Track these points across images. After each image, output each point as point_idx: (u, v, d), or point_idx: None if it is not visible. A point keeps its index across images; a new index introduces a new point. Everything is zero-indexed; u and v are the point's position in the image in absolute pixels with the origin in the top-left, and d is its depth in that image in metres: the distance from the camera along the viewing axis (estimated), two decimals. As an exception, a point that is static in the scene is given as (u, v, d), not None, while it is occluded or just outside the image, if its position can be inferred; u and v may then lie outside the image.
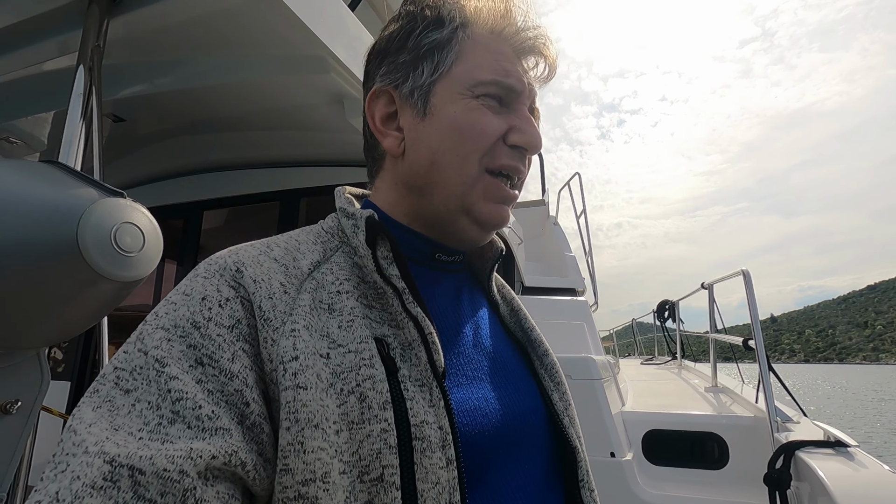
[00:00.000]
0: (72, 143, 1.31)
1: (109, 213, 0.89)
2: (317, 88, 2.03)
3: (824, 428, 1.82)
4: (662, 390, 3.49)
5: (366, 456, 0.40)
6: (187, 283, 0.44)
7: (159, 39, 1.84)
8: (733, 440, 2.33)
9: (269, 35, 1.77)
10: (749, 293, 2.37)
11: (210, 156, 2.87)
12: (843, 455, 1.60)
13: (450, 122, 0.52)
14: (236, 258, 0.45)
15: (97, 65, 1.44)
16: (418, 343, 0.46)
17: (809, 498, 1.53)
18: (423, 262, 0.56)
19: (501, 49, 0.54)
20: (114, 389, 0.37)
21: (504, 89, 0.52)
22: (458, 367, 0.50)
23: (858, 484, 1.40)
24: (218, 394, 0.38)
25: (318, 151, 2.72)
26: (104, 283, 0.90)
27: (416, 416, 0.42)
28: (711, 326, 3.33)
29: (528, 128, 0.53)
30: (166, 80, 2.12)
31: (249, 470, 0.37)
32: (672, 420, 2.50)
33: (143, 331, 0.41)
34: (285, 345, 0.41)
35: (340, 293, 0.47)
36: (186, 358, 0.39)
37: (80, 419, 0.35)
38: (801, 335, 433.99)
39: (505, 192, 0.53)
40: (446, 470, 0.41)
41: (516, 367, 0.57)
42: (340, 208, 0.54)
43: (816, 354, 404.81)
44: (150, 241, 0.96)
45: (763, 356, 2.18)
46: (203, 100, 2.26)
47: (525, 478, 0.49)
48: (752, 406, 2.49)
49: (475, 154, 0.51)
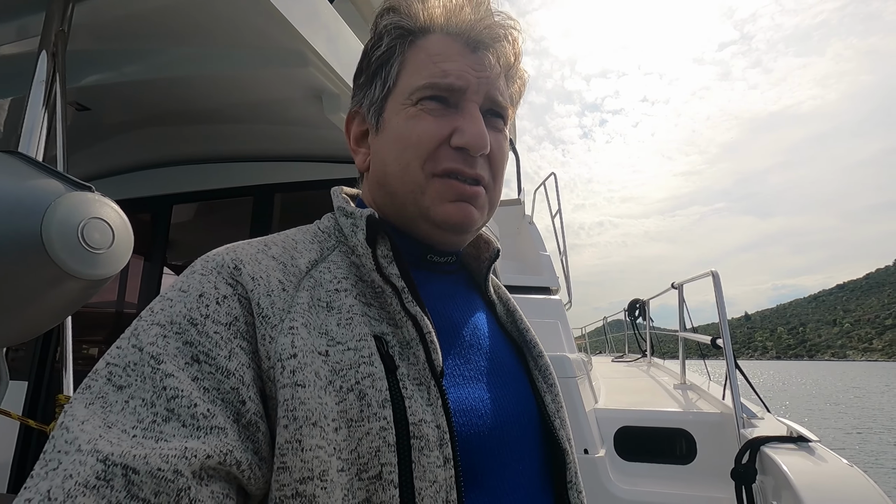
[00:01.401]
0: (33, 132, 1.24)
1: (76, 207, 0.85)
2: (294, 83, 1.98)
3: (787, 424, 1.89)
4: (633, 388, 3.57)
5: (364, 454, 0.40)
6: (184, 280, 0.43)
7: (128, 26, 1.77)
8: (701, 436, 2.40)
9: (245, 26, 1.72)
10: (717, 294, 2.44)
11: (181, 148, 2.78)
12: (805, 450, 1.67)
13: (393, 133, 0.53)
14: (234, 255, 0.45)
15: (61, 51, 1.37)
16: (417, 342, 0.46)
17: (773, 491, 1.59)
18: (415, 263, 0.56)
19: (445, 49, 0.53)
20: (106, 385, 0.37)
21: (443, 90, 0.51)
22: (455, 366, 0.51)
23: (819, 477, 1.46)
24: (214, 392, 0.38)
25: (294, 146, 2.67)
26: (70, 282, 0.85)
27: (415, 415, 0.42)
28: (681, 325, 3.42)
29: (469, 127, 0.51)
30: (135, 69, 2.04)
31: (245, 469, 0.37)
32: (643, 417, 2.56)
33: (137, 326, 0.40)
34: (283, 342, 0.41)
35: (339, 291, 0.47)
36: (182, 355, 0.38)
37: (73, 416, 0.34)
38: (773, 332, 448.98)
39: (460, 190, 0.52)
40: (444, 469, 0.42)
41: (511, 368, 0.57)
42: (339, 207, 0.54)
43: (788, 351, 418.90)
44: (119, 238, 0.92)
45: (730, 355, 2.25)
46: (174, 91, 2.19)
47: (518, 478, 0.50)
48: (719, 402, 2.57)
49: (416, 161, 0.51)
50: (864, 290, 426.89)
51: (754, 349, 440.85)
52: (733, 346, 2.25)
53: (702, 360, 3.55)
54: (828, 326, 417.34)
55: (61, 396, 1.11)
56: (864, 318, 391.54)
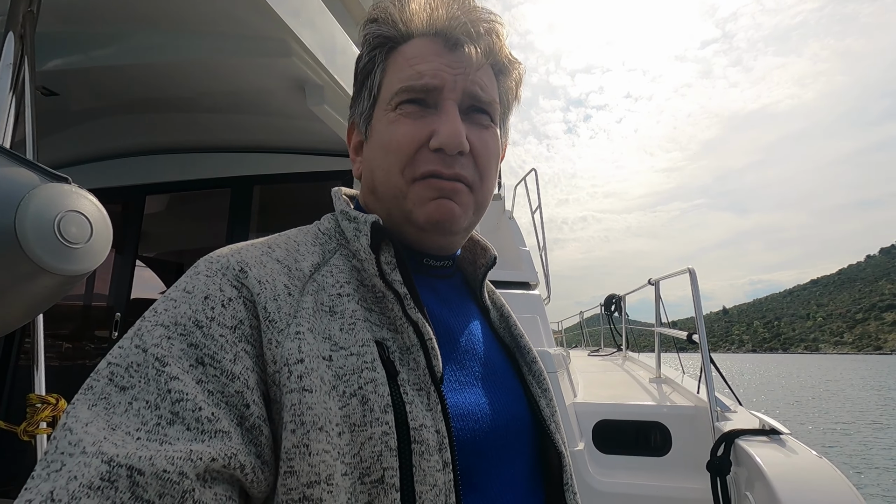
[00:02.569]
0: (0, 118, 1.18)
1: (52, 200, 0.81)
2: (276, 72, 1.93)
3: (759, 417, 1.96)
4: (611, 381, 3.64)
5: (367, 458, 0.41)
6: (188, 281, 0.43)
7: (100, 8, 1.69)
8: (676, 428, 2.47)
9: (225, 13, 1.67)
10: (694, 290, 2.51)
11: (155, 137, 2.69)
12: (776, 442, 1.73)
13: (376, 141, 0.54)
14: (239, 258, 0.45)
15: (29, 33, 1.31)
16: (417, 348, 0.46)
17: (747, 482, 1.64)
18: (413, 267, 0.56)
19: (420, 51, 0.52)
20: (108, 386, 0.36)
21: (419, 91, 0.51)
22: (452, 371, 0.51)
23: (791, 469, 1.52)
24: (218, 395, 0.38)
25: (275, 138, 2.61)
26: (45, 277, 0.81)
27: (415, 420, 0.43)
28: (657, 320, 3.50)
29: (443, 127, 0.50)
30: (106, 53, 1.96)
31: (248, 472, 0.37)
32: (620, 410, 2.62)
33: (140, 327, 0.40)
34: (290, 347, 0.41)
35: (341, 296, 0.47)
36: (187, 357, 0.38)
37: (76, 417, 0.34)
38: (749, 326, 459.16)
39: (437, 185, 0.50)
40: (443, 472, 0.42)
41: (505, 373, 0.58)
42: (342, 211, 0.54)
43: (763, 344, 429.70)
44: (98, 232, 0.88)
45: (706, 350, 2.32)
46: (148, 77, 2.11)
47: (512, 481, 0.51)
48: (693, 396, 2.64)
49: (396, 166, 0.51)
50: (837, 285, 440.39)
51: (731, 342, 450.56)
52: (711, 340, 2.32)
53: (675, 353, 3.65)
54: (801, 320, 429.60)
55: (33, 396, 1.06)
56: (836, 312, 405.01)
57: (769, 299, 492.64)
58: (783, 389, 39.37)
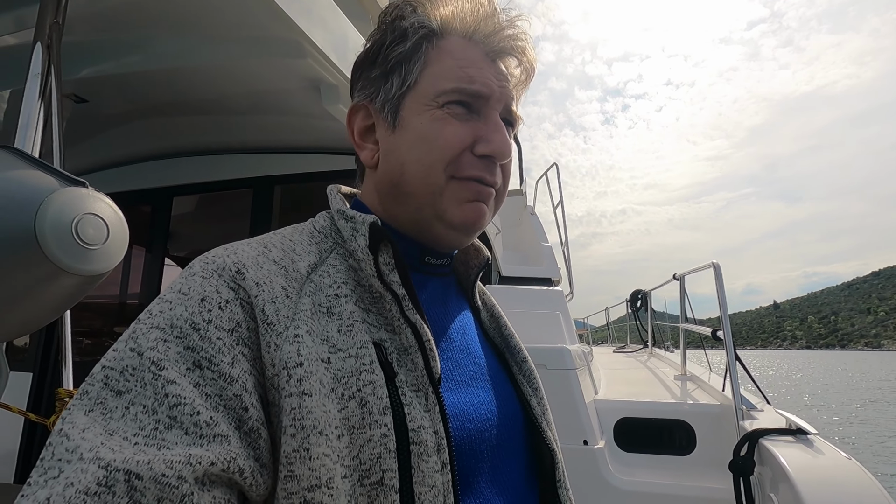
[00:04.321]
0: (29, 125, 1.24)
1: (70, 203, 0.85)
2: (292, 73, 1.96)
3: (786, 416, 1.89)
4: (634, 378, 3.58)
5: (366, 460, 0.41)
6: (183, 282, 0.42)
7: (124, 17, 1.75)
8: (700, 427, 2.41)
9: (242, 17, 1.70)
10: (719, 285, 2.43)
11: (180, 140, 2.77)
12: (803, 442, 1.67)
13: (416, 133, 0.52)
14: (235, 258, 0.44)
15: (56, 42, 1.36)
16: (415, 349, 0.46)
17: (771, 483, 1.59)
18: (412, 266, 0.56)
19: (469, 55, 0.53)
20: (104, 390, 0.36)
21: (469, 96, 0.52)
22: (448, 371, 0.51)
23: (817, 470, 1.47)
24: (216, 398, 0.37)
25: (293, 137, 2.66)
26: (65, 278, 0.85)
27: (414, 422, 0.43)
28: (682, 316, 3.41)
29: (495, 136, 0.52)
30: (132, 60, 2.03)
31: (247, 477, 0.37)
32: (643, 408, 2.57)
33: (135, 329, 0.39)
34: (289, 350, 0.41)
35: (339, 297, 0.47)
36: (184, 360, 0.38)
37: (72, 423, 0.34)
38: (803, 321, 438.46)
39: (476, 189, 0.52)
40: (441, 473, 0.43)
41: (497, 373, 0.58)
42: (339, 210, 0.54)
43: (819, 341, 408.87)
44: (114, 233, 0.92)
45: (730, 346, 2.25)
46: (171, 81, 2.17)
47: (507, 480, 0.51)
48: (718, 394, 2.57)
49: (440, 164, 0.51)
50: None
51: (783, 338, 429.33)
52: (760, 337, 2.26)
53: (703, 350, 3.55)
54: (861, 315, 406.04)
55: (61, 390, 1.12)
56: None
57: (825, 293, 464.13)
58: (846, 390, 36.78)
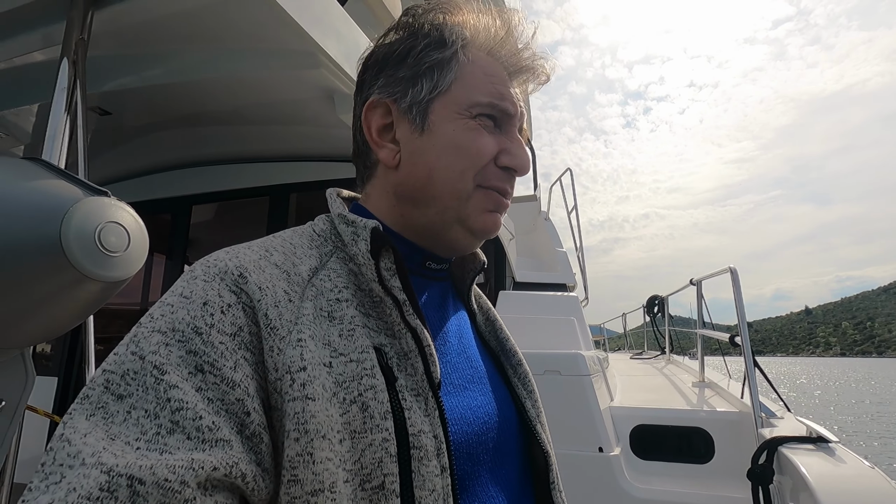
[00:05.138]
0: (55, 137, 1.29)
1: (93, 212, 0.88)
2: (306, 84, 2.01)
3: (807, 424, 1.85)
4: (651, 385, 3.53)
5: (367, 465, 0.41)
6: (184, 285, 0.42)
7: (145, 32, 1.81)
8: (719, 435, 2.36)
9: (258, 30, 1.75)
10: (736, 291, 2.40)
11: (198, 150, 2.85)
12: (824, 451, 1.63)
13: (448, 140, 0.53)
14: (237, 262, 0.44)
15: (81, 58, 1.42)
16: (415, 354, 0.47)
17: (791, 493, 1.56)
18: (413, 270, 0.57)
19: (497, 71, 0.56)
20: (105, 394, 0.36)
21: (499, 111, 0.55)
22: (447, 375, 0.52)
23: (839, 479, 1.43)
24: (218, 402, 0.37)
25: (308, 146, 2.71)
26: (89, 284, 0.89)
27: (414, 426, 0.43)
28: (699, 322, 3.36)
29: (519, 151, 0.55)
30: (153, 74, 2.09)
31: (249, 481, 0.37)
32: (659, 415, 2.53)
33: (137, 333, 0.39)
34: (292, 354, 0.41)
35: (340, 301, 0.47)
36: (186, 364, 0.38)
37: (74, 428, 0.34)
38: (837, 328, 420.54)
39: (498, 201, 0.55)
40: (441, 477, 0.43)
41: (492, 376, 0.59)
42: (339, 214, 0.54)
43: (854, 347, 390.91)
44: (135, 241, 0.95)
45: (749, 353, 2.21)
46: (191, 94, 2.24)
47: (503, 482, 0.52)
48: (737, 401, 2.52)
49: (471, 171, 0.53)
50: None
51: (815, 345, 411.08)
52: (792, 343, 2.21)
53: (722, 356, 3.49)
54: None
55: (84, 393, 1.16)
56: None
57: (860, 297, 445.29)
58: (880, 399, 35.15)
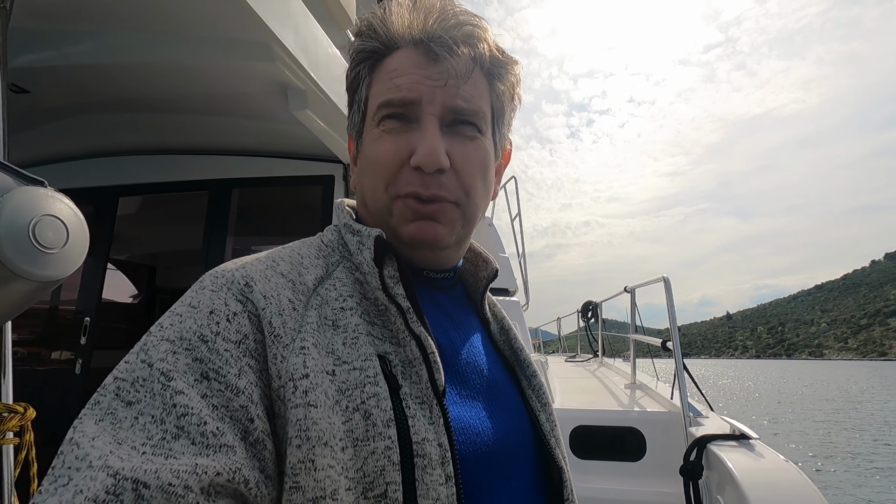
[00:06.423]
0: (-31, 116, 1.14)
1: (27, 203, 0.79)
2: (259, 76, 1.92)
3: (730, 422, 2.02)
4: (586, 387, 3.69)
5: (370, 472, 0.41)
6: (193, 295, 0.44)
7: (73, 5, 1.65)
8: (650, 434, 2.52)
9: (207, 15, 1.65)
10: (668, 299, 2.57)
11: (130, 138, 2.63)
12: (746, 447, 1.79)
13: (364, 157, 0.55)
14: (244, 272, 0.45)
15: (2, 28, 1.27)
16: (419, 361, 0.47)
17: (718, 486, 1.69)
18: (417, 278, 0.56)
19: (401, 64, 0.51)
20: (115, 401, 0.37)
21: (398, 105, 0.50)
22: (454, 384, 0.51)
23: (760, 473, 1.58)
24: (223, 409, 0.38)
25: (254, 141, 2.59)
26: (18, 283, 0.79)
27: (418, 434, 0.43)
28: (632, 327, 3.56)
29: (421, 145, 0.49)
30: (80, 51, 1.92)
31: (252, 487, 0.37)
32: (596, 416, 2.66)
33: (146, 342, 0.40)
34: (295, 362, 0.41)
35: (344, 310, 0.48)
36: (192, 371, 0.39)
37: (83, 432, 0.35)
38: (753, 332, 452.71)
39: (415, 209, 0.50)
40: (445, 486, 0.43)
41: (505, 386, 0.58)
42: (345, 224, 0.55)
43: (767, 350, 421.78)
44: (74, 237, 0.86)
45: (679, 356, 2.38)
46: (124, 77, 2.06)
47: (514, 495, 0.51)
48: (667, 402, 2.70)
49: (381, 184, 0.51)
50: (842, 290, 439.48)
51: (735, 348, 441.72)
52: (714, 346, 2.38)
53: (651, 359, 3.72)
54: (806, 326, 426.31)
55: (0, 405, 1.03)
56: (841, 317, 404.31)
57: (774, 304, 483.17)
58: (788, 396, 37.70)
